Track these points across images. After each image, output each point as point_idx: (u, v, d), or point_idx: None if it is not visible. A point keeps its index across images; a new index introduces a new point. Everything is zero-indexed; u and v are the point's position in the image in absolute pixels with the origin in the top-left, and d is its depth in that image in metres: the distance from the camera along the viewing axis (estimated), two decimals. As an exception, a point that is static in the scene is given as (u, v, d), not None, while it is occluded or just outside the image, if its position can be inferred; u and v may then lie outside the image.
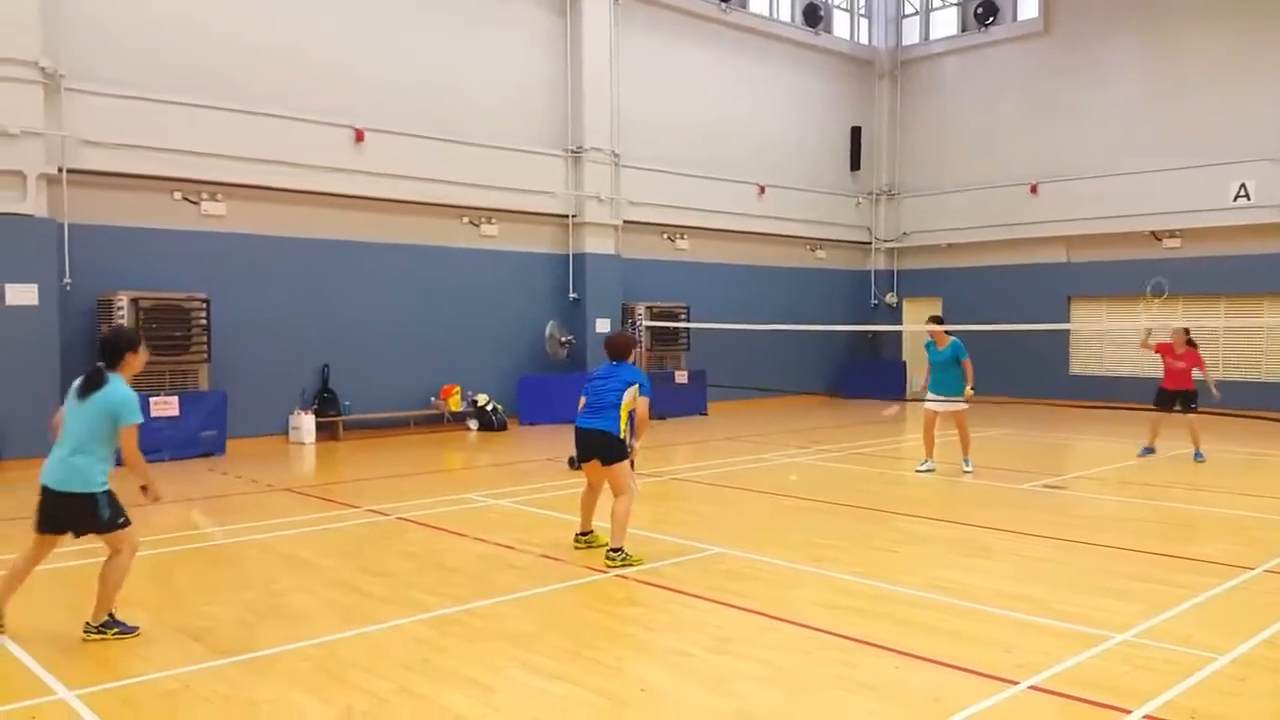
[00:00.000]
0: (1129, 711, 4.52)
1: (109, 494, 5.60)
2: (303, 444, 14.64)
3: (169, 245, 13.81)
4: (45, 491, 5.59)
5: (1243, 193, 18.74)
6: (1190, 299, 19.94)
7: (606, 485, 7.67)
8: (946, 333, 11.83)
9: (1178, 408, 12.67)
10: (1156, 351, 13.03)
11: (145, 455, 5.70)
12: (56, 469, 5.56)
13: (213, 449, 13.51)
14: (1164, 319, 19.38)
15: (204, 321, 13.62)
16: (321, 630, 5.79)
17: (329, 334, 15.33)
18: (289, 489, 11.04)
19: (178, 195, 14.00)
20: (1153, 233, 20.13)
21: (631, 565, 7.28)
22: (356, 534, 8.70)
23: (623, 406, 7.44)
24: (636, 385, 7.51)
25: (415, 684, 4.97)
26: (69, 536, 5.73)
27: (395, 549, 8.02)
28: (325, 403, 15.19)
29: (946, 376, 11.71)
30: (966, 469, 11.84)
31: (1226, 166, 18.85)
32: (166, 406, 12.99)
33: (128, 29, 13.44)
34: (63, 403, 5.77)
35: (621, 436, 7.43)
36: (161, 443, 12.68)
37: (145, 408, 12.44)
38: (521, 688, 4.94)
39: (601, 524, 7.85)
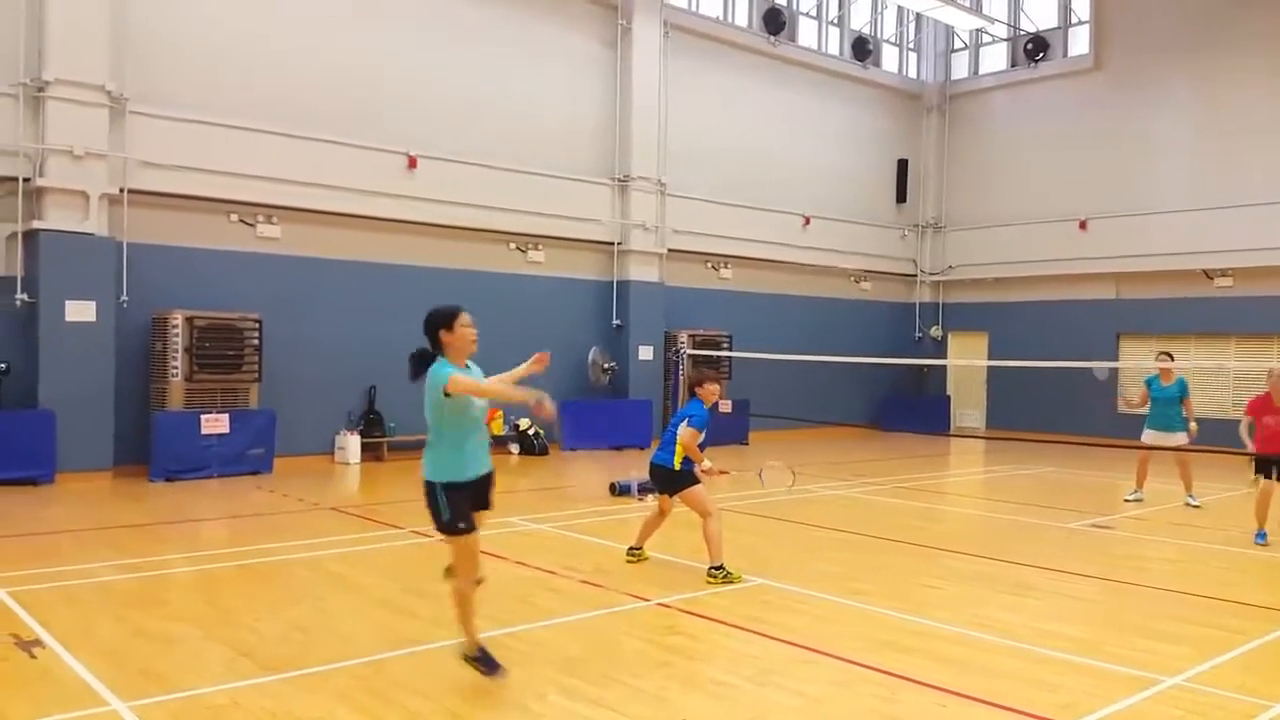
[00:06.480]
0: (1178, 758, 4.46)
1: (442, 487, 5.26)
2: (348, 464, 14.83)
3: (224, 266, 14.14)
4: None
5: (1297, 232, 18.46)
6: (1242, 338, 19.67)
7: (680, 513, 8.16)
8: (1171, 370, 12.03)
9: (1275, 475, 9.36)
10: (1248, 415, 9.73)
11: (196, 472, 5.55)
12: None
13: (260, 467, 13.69)
14: (1211, 358, 19.17)
15: (256, 341, 13.88)
16: (368, 649, 5.88)
17: (376, 356, 15.52)
18: (334, 508, 11.19)
19: (234, 217, 14.35)
20: (1204, 271, 19.86)
21: (732, 582, 7.61)
22: (401, 554, 8.80)
23: (679, 441, 7.88)
24: (686, 418, 7.96)
25: (459, 707, 5.02)
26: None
27: (439, 571, 8.05)
28: (371, 423, 15.39)
29: (1168, 413, 11.85)
30: (1193, 503, 11.86)
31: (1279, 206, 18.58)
32: (217, 424, 13.16)
33: (189, 53, 13.85)
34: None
35: (677, 467, 7.87)
36: (210, 459, 12.87)
37: (196, 425, 12.77)
38: (565, 713, 4.97)
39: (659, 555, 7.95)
